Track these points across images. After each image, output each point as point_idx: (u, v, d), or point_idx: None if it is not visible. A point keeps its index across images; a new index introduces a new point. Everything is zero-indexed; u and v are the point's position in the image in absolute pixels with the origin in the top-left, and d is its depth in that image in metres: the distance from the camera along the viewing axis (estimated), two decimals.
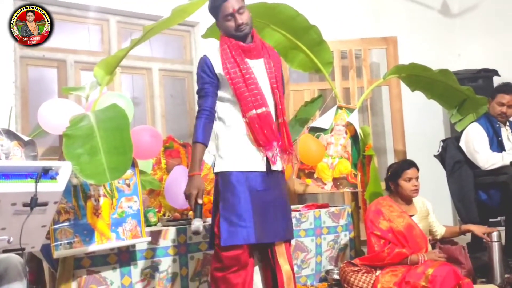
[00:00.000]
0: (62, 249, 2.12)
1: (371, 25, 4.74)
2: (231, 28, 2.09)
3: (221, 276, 2.04)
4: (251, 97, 2.07)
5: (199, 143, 2.05)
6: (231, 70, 2.08)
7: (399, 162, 2.90)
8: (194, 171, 2.03)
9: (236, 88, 2.07)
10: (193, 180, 2.01)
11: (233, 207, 2.02)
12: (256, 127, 2.06)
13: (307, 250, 3.13)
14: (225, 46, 2.12)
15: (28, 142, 2.60)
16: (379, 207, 2.77)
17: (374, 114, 4.81)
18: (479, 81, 4.72)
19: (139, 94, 3.96)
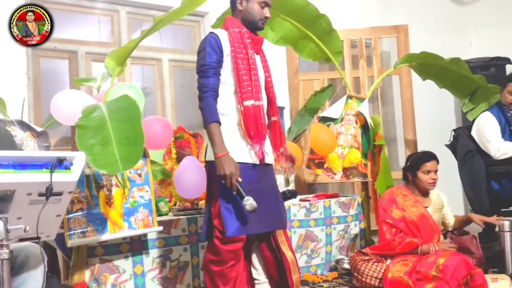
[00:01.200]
0: (76, 238, 2.16)
1: (382, 14, 4.68)
2: (258, 16, 2.07)
3: (218, 271, 2.02)
4: (252, 87, 2.02)
5: (216, 122, 1.95)
6: (238, 55, 2.02)
7: (419, 153, 2.85)
8: (223, 150, 1.92)
9: (239, 74, 2.01)
10: (226, 160, 1.91)
11: (234, 197, 1.96)
12: (251, 118, 2.01)
13: (317, 239, 3.14)
14: (237, 30, 2.06)
15: (41, 133, 2.64)
16: (393, 195, 2.77)
17: (385, 103, 4.78)
18: (491, 69, 4.66)
19: (149, 84, 3.98)
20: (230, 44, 2.04)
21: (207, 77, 1.99)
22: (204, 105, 1.97)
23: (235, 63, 2.02)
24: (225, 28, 2.10)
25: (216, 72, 2.00)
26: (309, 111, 3.67)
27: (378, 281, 2.60)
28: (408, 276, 2.44)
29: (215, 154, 1.93)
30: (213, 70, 1.99)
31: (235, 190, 1.91)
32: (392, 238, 2.64)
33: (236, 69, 2.02)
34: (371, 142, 3.38)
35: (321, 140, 3.19)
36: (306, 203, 3.14)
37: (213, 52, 2.00)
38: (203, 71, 2.00)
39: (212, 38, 2.02)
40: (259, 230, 2.06)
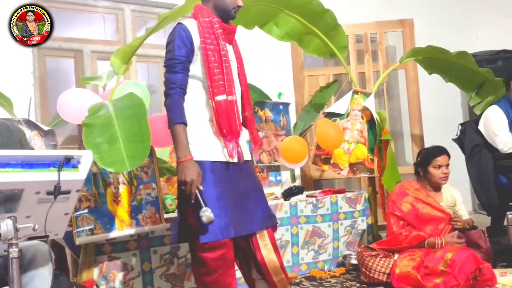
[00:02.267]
0: (84, 235, 2.17)
1: (387, 8, 4.66)
2: (231, 4, 1.94)
3: (211, 280, 1.87)
4: (224, 81, 1.88)
5: (181, 123, 1.79)
6: (208, 47, 1.87)
7: (430, 148, 2.84)
8: (187, 155, 1.78)
9: (210, 67, 1.86)
10: (188, 165, 1.76)
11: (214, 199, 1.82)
12: (223, 114, 1.87)
13: (324, 235, 3.14)
14: (207, 19, 1.90)
15: (48, 132, 2.65)
16: (404, 189, 2.76)
17: (391, 98, 4.76)
18: (498, 62, 4.62)
19: (154, 82, 3.99)
20: (199, 35, 1.88)
21: (175, 72, 1.83)
22: (170, 103, 1.82)
23: (206, 55, 1.87)
24: (194, 17, 1.94)
25: (184, 67, 1.85)
26: (315, 107, 3.67)
27: (386, 276, 2.60)
28: (416, 270, 2.44)
29: (178, 158, 1.78)
30: (181, 65, 1.84)
31: (193, 198, 1.76)
32: (399, 231, 2.64)
33: (207, 62, 1.87)
34: (378, 137, 3.37)
35: (328, 135, 3.18)
36: (313, 199, 3.14)
37: (182, 45, 1.84)
38: (170, 66, 1.85)
39: (181, 30, 1.86)
40: (240, 232, 1.89)
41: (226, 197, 1.85)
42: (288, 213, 3.02)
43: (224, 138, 1.91)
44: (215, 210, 1.79)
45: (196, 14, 1.93)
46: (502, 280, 2.48)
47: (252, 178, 2.04)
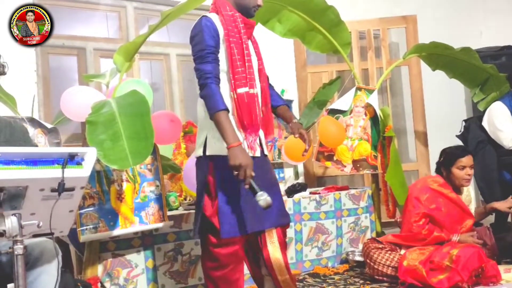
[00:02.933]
0: (88, 233, 2.18)
1: (390, 4, 4.63)
2: (252, 2, 1.96)
3: (220, 276, 1.90)
4: (246, 74, 1.89)
5: (225, 110, 1.79)
6: (232, 39, 1.88)
7: (453, 148, 2.80)
8: (236, 140, 1.77)
9: (233, 60, 1.87)
10: (240, 150, 1.76)
11: (234, 195, 1.85)
12: (244, 107, 1.88)
13: (328, 232, 3.14)
14: (229, 13, 1.92)
15: (51, 130, 2.66)
16: (427, 184, 2.72)
17: (394, 94, 4.75)
18: (502, 58, 4.59)
19: (157, 79, 3.98)
20: (223, 28, 1.89)
21: (207, 62, 1.83)
22: (208, 92, 1.81)
23: (229, 48, 1.88)
24: (215, 11, 1.96)
25: (215, 58, 1.86)
26: (318, 104, 3.66)
27: (390, 269, 2.60)
28: (422, 265, 2.43)
29: (228, 143, 1.77)
30: (213, 55, 1.85)
31: (248, 183, 1.75)
32: (419, 231, 2.61)
33: (230, 54, 1.88)
34: (381, 134, 3.37)
35: (330, 133, 3.18)
36: (316, 196, 3.14)
37: (210, 36, 1.85)
38: (202, 57, 1.84)
39: (207, 22, 1.88)
40: (256, 228, 1.91)
41: (246, 192, 1.83)
42: (292, 210, 3.02)
43: (244, 131, 1.91)
44: (237, 205, 1.82)
45: (218, 8, 1.95)
46: (507, 277, 2.48)
47: (270, 174, 2.05)
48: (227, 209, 1.86)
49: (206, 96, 1.82)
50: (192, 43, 1.90)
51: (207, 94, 1.82)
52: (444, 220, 2.64)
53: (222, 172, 1.86)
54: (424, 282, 2.41)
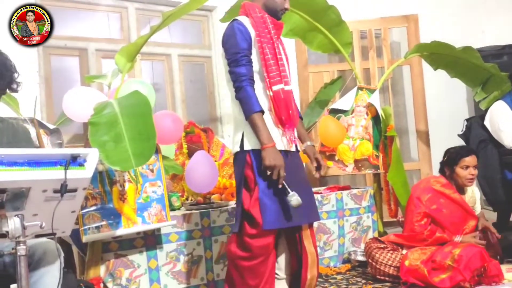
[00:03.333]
0: (91, 233, 2.18)
1: (391, 3, 4.63)
2: (280, 5, 2.05)
3: (249, 266, 1.95)
4: (279, 72, 1.98)
5: (259, 112, 1.89)
6: (263, 39, 1.97)
7: (458, 147, 2.79)
8: (270, 141, 1.87)
9: (266, 59, 1.96)
10: (274, 151, 1.87)
11: (274, 187, 1.91)
12: (281, 103, 1.96)
13: (330, 232, 3.14)
14: (259, 15, 2.01)
15: (54, 130, 2.67)
16: (429, 185, 2.72)
17: (395, 94, 4.74)
18: (504, 57, 4.58)
19: (159, 80, 3.99)
20: (254, 29, 1.98)
21: (242, 65, 1.92)
22: (244, 94, 1.90)
23: (261, 48, 1.96)
24: (245, 14, 2.04)
25: (249, 60, 1.94)
26: (319, 103, 3.66)
27: (392, 269, 2.60)
28: (424, 265, 2.44)
29: (263, 144, 1.87)
30: (246, 58, 1.93)
31: (281, 183, 1.86)
32: (421, 231, 2.61)
33: (263, 54, 1.96)
34: (383, 134, 3.37)
35: (330, 133, 3.18)
36: (318, 195, 3.14)
37: (243, 39, 1.94)
38: (237, 60, 1.93)
39: (239, 25, 1.96)
40: (295, 222, 1.98)
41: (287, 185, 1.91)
42: None
43: (283, 126, 1.99)
44: (278, 197, 1.91)
45: (248, 11, 2.03)
46: (509, 276, 2.48)
47: (303, 170, 2.14)
48: (269, 201, 1.92)
49: (242, 99, 1.91)
50: (225, 47, 1.98)
51: (243, 96, 1.91)
52: (445, 221, 2.63)
53: (260, 165, 1.91)
54: (426, 282, 2.41)
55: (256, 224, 1.92)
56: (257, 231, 1.92)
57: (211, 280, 2.65)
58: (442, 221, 2.63)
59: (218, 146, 3.30)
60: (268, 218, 1.90)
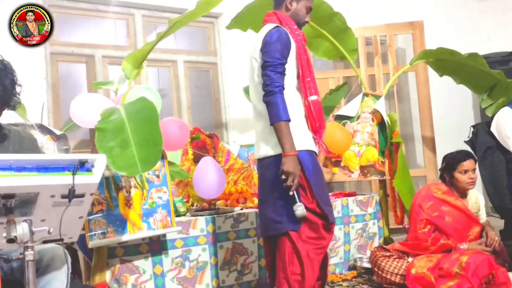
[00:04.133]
0: (96, 239, 2.19)
1: (396, 10, 4.64)
2: (303, 17, 2.18)
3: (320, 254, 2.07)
4: (314, 83, 2.10)
5: (287, 121, 1.96)
6: (301, 51, 2.07)
7: (454, 153, 2.78)
8: (293, 150, 1.95)
9: (303, 70, 2.07)
10: (295, 160, 1.95)
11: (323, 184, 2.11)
12: (317, 112, 2.09)
13: (335, 238, 3.13)
14: (295, 26, 2.12)
15: (60, 136, 2.69)
16: (430, 192, 2.71)
17: (401, 100, 4.74)
18: (510, 64, 4.57)
19: (165, 86, 4.01)
20: (294, 41, 2.07)
21: (279, 72, 1.98)
22: (276, 100, 1.95)
23: (300, 60, 2.07)
24: (278, 23, 2.10)
25: (284, 69, 2.01)
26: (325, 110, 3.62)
27: (398, 277, 2.58)
28: (431, 272, 2.42)
29: (286, 151, 1.93)
30: (283, 67, 2.00)
31: (293, 191, 1.93)
32: (424, 238, 2.59)
33: (301, 65, 2.07)
34: (388, 140, 3.36)
35: (336, 139, 3.17)
36: None
37: (285, 48, 2.01)
38: (275, 65, 1.98)
39: (284, 34, 2.03)
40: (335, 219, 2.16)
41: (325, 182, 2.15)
42: None
43: (315, 133, 2.14)
44: (326, 195, 2.10)
45: (283, 21, 2.11)
46: None
47: None
48: (322, 196, 2.06)
49: (272, 104, 1.96)
50: (267, 48, 2.01)
51: (274, 102, 1.95)
52: (448, 228, 2.61)
53: (307, 164, 2.03)
54: None
55: (322, 217, 2.04)
56: (327, 223, 2.06)
57: (216, 286, 2.64)
58: (445, 228, 2.62)
59: (223, 152, 3.31)
60: (330, 212, 2.07)
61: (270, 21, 2.14)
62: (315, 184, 2.04)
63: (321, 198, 2.04)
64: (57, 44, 3.43)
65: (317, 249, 2.05)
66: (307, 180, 2.04)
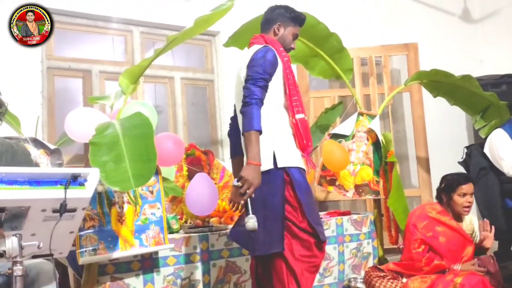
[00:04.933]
0: (87, 255, 2.15)
1: (392, 32, 4.71)
2: (289, 43, 2.25)
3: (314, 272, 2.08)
4: (300, 102, 2.16)
5: (258, 131, 1.96)
6: (287, 71, 2.14)
7: (455, 174, 2.78)
8: (257, 161, 1.93)
9: (290, 89, 2.13)
10: (257, 170, 1.93)
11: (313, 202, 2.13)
12: (304, 130, 2.14)
13: (330, 258, 3.10)
14: (281, 49, 2.18)
15: (54, 151, 2.66)
16: (425, 212, 2.70)
17: (396, 120, 4.77)
18: (502, 86, 4.64)
19: (161, 102, 4.02)
20: (281, 61, 2.13)
21: (258, 86, 2.01)
22: (252, 111, 1.97)
23: (287, 79, 2.13)
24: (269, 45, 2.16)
25: (267, 85, 2.04)
26: (320, 128, 3.67)
27: None
28: None
29: (251, 159, 1.93)
30: (265, 82, 2.03)
31: (247, 199, 1.90)
32: (418, 258, 2.58)
33: (288, 85, 2.13)
34: (383, 159, 3.36)
35: (335, 157, 3.18)
36: None
37: (271, 66, 2.05)
38: (256, 79, 2.02)
39: (272, 52, 2.08)
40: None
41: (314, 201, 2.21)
42: None
43: (303, 150, 2.17)
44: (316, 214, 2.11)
45: (270, 43, 2.16)
46: None
47: None
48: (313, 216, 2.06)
49: (246, 113, 1.98)
50: (252, 63, 2.06)
51: (250, 112, 1.97)
52: (442, 249, 2.60)
53: (298, 181, 2.06)
54: None
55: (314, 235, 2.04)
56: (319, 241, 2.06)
57: None
58: (439, 249, 2.60)
59: (218, 169, 3.30)
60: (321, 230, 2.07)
61: (256, 43, 2.19)
62: (306, 204, 2.04)
63: (312, 218, 2.05)
64: (54, 58, 3.44)
65: (310, 267, 2.05)
66: (298, 199, 2.04)
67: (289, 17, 2.23)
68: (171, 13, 3.78)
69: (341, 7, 4.47)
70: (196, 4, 3.80)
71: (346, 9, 4.52)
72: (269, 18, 2.26)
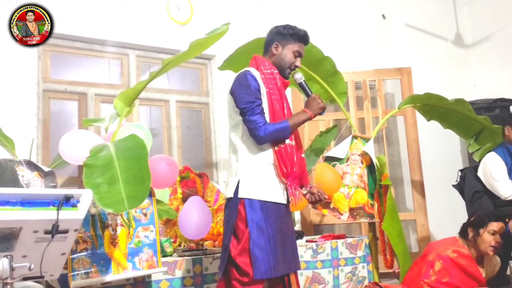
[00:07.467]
0: (79, 279, 2.12)
1: (385, 56, 4.79)
2: (288, 62, 2.18)
3: None
4: None
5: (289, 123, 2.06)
6: (273, 96, 2.08)
7: (485, 211, 2.71)
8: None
9: (275, 114, 2.07)
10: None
11: (267, 237, 1.97)
12: (287, 157, 2.06)
13: (324, 282, 3.07)
14: (269, 71, 2.12)
15: (48, 173, 2.66)
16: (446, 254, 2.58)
17: (390, 143, 4.80)
18: (495, 110, 4.69)
19: (156, 125, 4.03)
20: (264, 84, 2.08)
21: (258, 114, 2.02)
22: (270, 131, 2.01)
23: (271, 103, 2.07)
24: (255, 67, 2.14)
25: (262, 109, 2.05)
26: (315, 151, 3.69)
27: None
28: None
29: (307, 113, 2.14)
30: (260, 107, 2.04)
31: None
32: None
33: (272, 109, 2.07)
34: (377, 182, 3.37)
35: (326, 180, 3.17)
36: (313, 244, 3.09)
37: (256, 90, 2.05)
38: (252, 109, 2.03)
39: (251, 77, 2.06)
40: (283, 271, 2.04)
41: (276, 236, 2.00)
42: None
43: (286, 179, 2.07)
44: (268, 248, 1.96)
45: (258, 65, 2.14)
46: None
47: (291, 221, 2.22)
48: (259, 252, 1.95)
49: (273, 134, 2.02)
50: (236, 94, 2.07)
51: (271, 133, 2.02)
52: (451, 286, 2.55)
53: (253, 215, 1.98)
54: None
55: (245, 273, 1.96)
56: (248, 279, 1.95)
57: None
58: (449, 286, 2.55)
59: (213, 192, 3.29)
60: (259, 268, 1.93)
61: (250, 64, 2.19)
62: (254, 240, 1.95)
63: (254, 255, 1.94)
64: (50, 81, 3.46)
65: None
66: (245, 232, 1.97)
67: (287, 34, 2.17)
68: (167, 37, 3.83)
69: (335, 31, 4.54)
70: (191, 28, 3.86)
71: (340, 33, 4.60)
72: (268, 39, 2.22)
